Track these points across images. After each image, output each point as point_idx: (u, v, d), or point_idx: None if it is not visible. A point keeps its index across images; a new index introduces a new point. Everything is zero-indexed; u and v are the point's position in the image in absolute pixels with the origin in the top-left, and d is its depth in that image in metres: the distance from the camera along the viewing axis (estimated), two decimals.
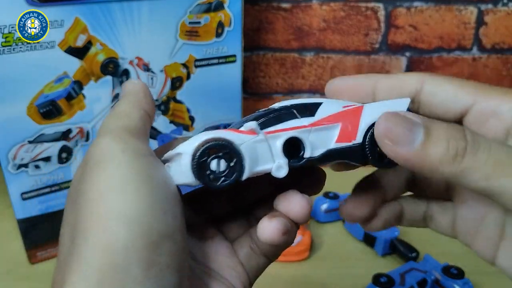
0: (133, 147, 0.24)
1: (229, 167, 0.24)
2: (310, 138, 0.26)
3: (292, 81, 0.73)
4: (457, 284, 0.48)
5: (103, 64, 0.51)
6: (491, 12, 0.68)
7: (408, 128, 0.23)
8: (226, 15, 0.55)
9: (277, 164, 0.25)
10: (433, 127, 0.23)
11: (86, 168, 0.24)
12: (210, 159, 0.24)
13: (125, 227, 0.21)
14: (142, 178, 0.23)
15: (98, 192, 0.22)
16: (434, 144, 0.22)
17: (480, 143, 0.22)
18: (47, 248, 0.57)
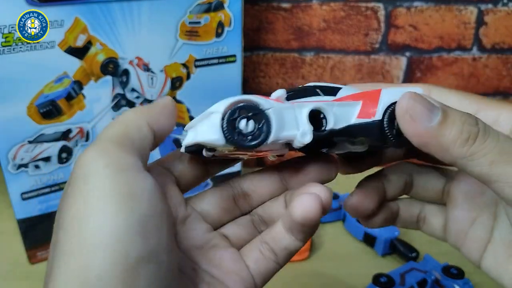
0: (117, 161, 0.23)
1: (257, 129, 0.25)
2: (333, 111, 0.27)
3: (292, 81, 0.73)
4: (457, 284, 0.48)
5: (103, 64, 0.51)
6: (491, 12, 0.68)
7: (428, 108, 0.24)
8: (226, 15, 0.55)
9: (302, 130, 0.26)
10: (450, 111, 0.25)
11: (71, 181, 0.23)
12: (240, 118, 0.25)
13: (100, 254, 0.21)
14: (122, 197, 0.22)
15: (76, 213, 0.22)
16: (450, 125, 0.24)
17: (490, 131, 0.24)
18: (47, 248, 0.57)
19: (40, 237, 0.55)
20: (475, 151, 0.24)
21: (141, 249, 0.22)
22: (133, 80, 0.53)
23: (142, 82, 0.54)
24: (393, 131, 0.27)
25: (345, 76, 0.73)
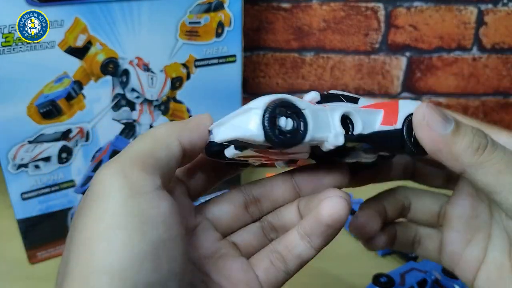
0: (133, 183, 0.22)
1: (294, 127, 0.25)
2: (360, 117, 0.28)
3: (292, 81, 0.73)
4: (457, 284, 0.48)
5: (103, 64, 0.51)
6: (491, 12, 0.68)
7: (443, 117, 0.27)
8: (226, 15, 0.55)
9: (335, 132, 0.26)
10: (461, 123, 0.27)
11: (86, 200, 0.23)
12: (279, 115, 0.25)
13: (106, 281, 0.20)
14: (134, 223, 0.21)
15: (86, 236, 0.21)
16: (462, 134, 0.26)
17: (498, 145, 0.27)
18: (47, 248, 0.57)
19: (40, 237, 0.55)
20: (484, 160, 0.26)
21: (151, 277, 0.21)
22: (133, 80, 0.53)
23: (142, 82, 0.54)
24: (411, 139, 0.29)
25: (345, 76, 0.73)
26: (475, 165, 0.26)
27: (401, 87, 0.74)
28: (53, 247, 0.57)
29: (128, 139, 0.56)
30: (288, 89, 0.73)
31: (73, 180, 0.55)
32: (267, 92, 0.73)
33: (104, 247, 0.21)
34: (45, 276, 0.55)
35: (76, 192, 0.56)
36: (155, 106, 0.56)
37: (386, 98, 0.73)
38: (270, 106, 0.25)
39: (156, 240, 0.22)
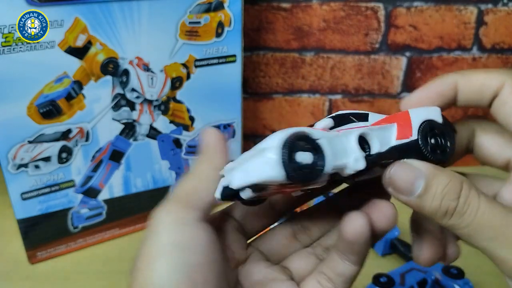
0: (178, 219, 0.27)
1: (313, 160, 0.25)
2: (376, 136, 0.27)
3: (292, 81, 0.73)
4: (457, 284, 0.48)
5: (103, 64, 0.51)
6: (491, 12, 0.68)
7: (410, 182, 0.26)
8: (226, 15, 0.55)
9: (355, 157, 0.26)
10: (433, 183, 0.25)
11: (145, 234, 0.28)
12: (297, 151, 0.24)
13: None
14: (175, 251, 0.26)
15: (141, 263, 0.26)
16: (430, 199, 0.25)
17: (470, 205, 0.25)
18: (47, 248, 0.57)
19: (40, 237, 0.55)
20: (453, 224, 0.25)
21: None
22: (133, 80, 0.53)
23: (142, 82, 0.54)
24: (428, 148, 0.28)
25: (345, 76, 0.73)
26: (447, 226, 0.26)
27: (401, 87, 0.74)
28: (53, 247, 0.57)
29: (128, 139, 0.56)
30: (288, 89, 0.73)
31: (73, 180, 0.55)
32: (267, 92, 0.73)
33: (151, 271, 0.26)
34: (45, 276, 0.55)
35: (76, 192, 0.56)
36: (155, 106, 0.56)
37: (386, 97, 0.73)
38: (286, 143, 0.24)
39: (192, 265, 0.26)
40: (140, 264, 0.27)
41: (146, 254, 0.27)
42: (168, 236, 0.27)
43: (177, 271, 0.26)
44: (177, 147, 0.60)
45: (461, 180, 0.26)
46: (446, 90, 0.29)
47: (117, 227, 0.60)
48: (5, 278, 0.55)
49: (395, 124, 0.28)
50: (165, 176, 0.61)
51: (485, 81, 0.28)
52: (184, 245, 0.26)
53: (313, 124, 0.28)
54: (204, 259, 0.27)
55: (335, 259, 0.30)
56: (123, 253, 0.59)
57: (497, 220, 0.25)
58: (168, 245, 0.26)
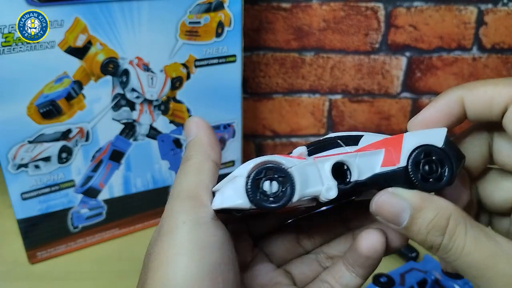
0: (194, 217, 0.27)
1: (281, 189, 0.25)
2: (356, 163, 0.27)
3: (292, 81, 0.73)
4: (457, 284, 0.48)
5: (103, 64, 0.51)
6: (491, 12, 0.68)
7: (395, 213, 0.25)
8: (226, 15, 0.55)
9: (327, 186, 0.26)
10: (418, 217, 0.25)
11: (159, 233, 0.28)
12: (264, 180, 0.25)
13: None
14: (195, 248, 0.26)
15: (159, 262, 0.26)
16: (415, 232, 0.25)
17: (455, 243, 0.24)
18: (47, 248, 0.57)
19: (40, 237, 0.55)
20: (441, 256, 0.25)
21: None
22: (133, 80, 0.53)
23: (142, 82, 0.54)
24: (418, 176, 0.27)
25: (345, 76, 0.73)
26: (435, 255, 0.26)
27: (401, 87, 0.74)
28: (53, 247, 0.57)
29: (128, 139, 0.56)
30: (288, 89, 0.73)
31: (73, 180, 0.55)
32: (267, 92, 0.73)
33: (173, 268, 0.26)
34: (45, 276, 0.55)
35: (76, 192, 0.56)
36: (155, 106, 0.56)
37: (386, 97, 0.73)
38: (252, 171, 0.25)
39: (213, 263, 0.26)
40: (158, 262, 0.26)
41: (165, 252, 0.26)
42: (187, 234, 0.26)
43: (199, 269, 0.25)
44: (177, 147, 0.60)
45: (449, 215, 0.25)
46: (452, 108, 0.28)
47: (117, 227, 0.60)
48: (5, 278, 0.55)
49: (382, 150, 0.27)
50: (165, 176, 0.61)
51: (493, 96, 0.26)
52: (203, 243, 0.26)
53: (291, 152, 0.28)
54: (223, 257, 0.27)
55: (342, 270, 0.30)
56: (123, 253, 0.59)
57: (482, 260, 0.24)
58: (188, 243, 0.26)
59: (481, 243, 0.24)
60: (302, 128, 0.77)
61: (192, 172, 0.30)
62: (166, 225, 0.27)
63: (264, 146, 0.78)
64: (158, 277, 0.26)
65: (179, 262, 0.26)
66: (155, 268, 0.26)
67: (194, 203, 0.28)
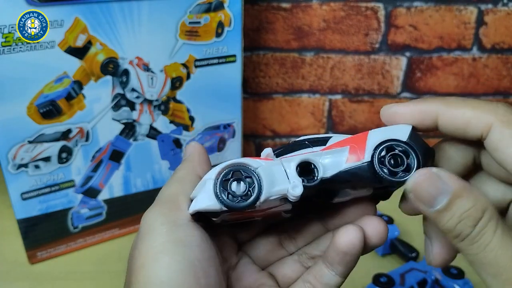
0: (171, 219, 0.28)
1: (248, 189, 0.26)
2: (321, 161, 0.28)
3: (292, 81, 0.73)
4: (457, 284, 0.48)
5: (103, 64, 0.51)
6: (491, 12, 0.68)
7: (434, 195, 0.24)
8: (226, 15, 0.55)
9: (293, 183, 0.26)
10: (455, 203, 0.24)
11: (138, 236, 0.29)
12: (231, 181, 0.27)
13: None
14: (175, 247, 0.27)
15: (141, 262, 0.27)
16: (447, 218, 0.24)
17: (482, 237, 0.24)
18: (47, 248, 0.57)
19: (40, 237, 0.55)
20: (461, 247, 0.25)
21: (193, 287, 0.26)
22: (133, 80, 0.53)
23: (142, 82, 0.54)
24: (385, 170, 0.27)
25: (345, 76, 0.73)
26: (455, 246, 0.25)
27: (401, 87, 0.74)
28: (53, 247, 0.57)
29: (128, 139, 0.56)
30: (288, 89, 0.73)
31: (73, 180, 0.55)
32: (267, 92, 0.73)
33: (155, 267, 0.27)
34: (45, 276, 0.55)
35: (76, 192, 0.56)
36: (155, 106, 0.56)
37: (386, 97, 0.73)
38: (220, 174, 0.27)
39: (193, 260, 0.27)
40: (140, 262, 0.27)
41: (146, 252, 0.27)
42: (166, 235, 0.28)
43: (181, 266, 0.26)
44: (177, 147, 0.60)
45: (484, 208, 0.24)
46: (425, 119, 0.28)
47: (117, 227, 0.60)
48: (5, 278, 0.55)
49: (347, 147, 0.28)
50: (165, 176, 0.61)
51: (470, 121, 0.26)
52: (183, 242, 0.27)
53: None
54: (203, 255, 0.28)
55: (322, 269, 0.31)
56: (123, 253, 0.59)
57: (504, 261, 0.24)
58: (168, 243, 0.27)
59: (507, 244, 0.24)
60: (302, 128, 0.77)
61: (174, 183, 0.31)
62: (146, 228, 0.29)
63: (264, 146, 0.79)
64: (142, 276, 0.27)
65: (160, 260, 0.27)
66: (138, 268, 0.27)
67: (171, 207, 0.29)
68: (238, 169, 0.27)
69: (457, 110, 0.26)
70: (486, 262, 0.24)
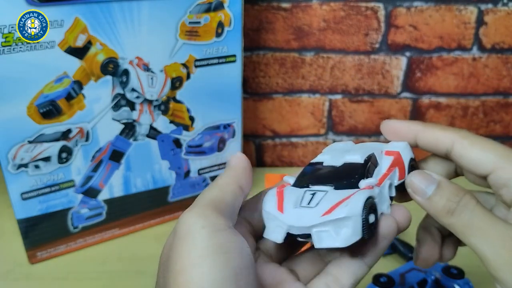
0: (212, 223, 0.28)
1: (375, 218, 0.30)
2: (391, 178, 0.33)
3: (292, 81, 0.73)
4: (457, 284, 0.48)
5: (103, 64, 0.51)
6: (491, 12, 0.68)
7: (424, 184, 0.31)
8: (226, 15, 0.55)
9: (387, 204, 0.31)
10: (442, 187, 0.31)
11: (175, 239, 0.28)
12: (369, 214, 0.29)
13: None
14: (217, 252, 0.27)
15: (181, 265, 0.27)
16: (437, 199, 0.31)
17: (466, 208, 0.30)
18: (47, 248, 0.57)
19: (40, 237, 0.55)
20: (451, 223, 0.30)
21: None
22: (133, 80, 0.53)
23: (142, 82, 0.54)
24: None
25: (345, 76, 0.73)
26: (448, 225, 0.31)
27: (401, 87, 0.74)
28: (53, 247, 0.57)
29: (128, 139, 0.56)
30: (288, 89, 0.73)
31: (73, 180, 0.55)
32: (267, 92, 0.73)
33: (196, 274, 0.26)
34: (45, 276, 0.55)
35: (76, 192, 0.56)
36: (155, 106, 0.56)
37: (386, 97, 0.73)
38: (365, 209, 0.28)
39: (235, 267, 0.27)
40: (180, 267, 0.27)
41: (187, 256, 0.27)
42: (207, 239, 0.27)
43: (223, 274, 0.26)
44: (177, 147, 0.60)
45: (463, 190, 0.31)
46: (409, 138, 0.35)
47: (117, 227, 0.60)
48: (5, 278, 0.55)
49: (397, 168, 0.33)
50: (165, 176, 0.61)
51: (438, 138, 0.33)
52: (224, 249, 0.27)
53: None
54: (243, 262, 0.28)
55: (348, 259, 0.32)
56: (123, 253, 0.59)
57: (485, 223, 0.29)
58: (210, 247, 0.27)
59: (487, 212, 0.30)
60: (302, 128, 0.77)
61: (215, 188, 0.31)
62: (185, 229, 0.28)
63: (264, 146, 0.79)
64: (182, 281, 0.26)
65: (202, 266, 0.26)
66: (178, 272, 0.27)
67: (212, 211, 0.29)
68: (372, 202, 0.29)
69: (430, 130, 0.34)
70: (471, 226, 0.29)
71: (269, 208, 0.31)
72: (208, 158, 0.63)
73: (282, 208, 0.30)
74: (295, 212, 0.29)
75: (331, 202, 0.28)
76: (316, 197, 0.30)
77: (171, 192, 0.62)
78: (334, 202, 0.28)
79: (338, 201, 0.28)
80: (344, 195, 0.29)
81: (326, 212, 0.28)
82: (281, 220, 0.29)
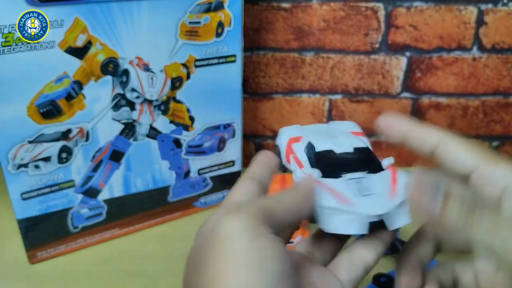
0: (251, 228, 0.27)
1: None
2: None
3: (292, 81, 0.73)
4: None
5: (103, 64, 0.51)
6: (491, 12, 0.68)
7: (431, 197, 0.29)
8: (226, 15, 0.55)
9: None
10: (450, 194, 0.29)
11: (210, 239, 0.27)
12: None
13: None
14: (256, 259, 0.26)
15: (217, 270, 0.26)
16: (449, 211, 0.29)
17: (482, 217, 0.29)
18: (47, 248, 0.57)
19: (40, 237, 0.55)
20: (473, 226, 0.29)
21: None
22: (133, 80, 0.53)
23: (142, 82, 0.54)
24: None
25: (345, 76, 0.73)
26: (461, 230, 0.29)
27: (401, 87, 0.74)
28: (53, 247, 0.57)
29: (128, 139, 0.56)
30: (288, 89, 0.73)
31: (73, 180, 0.55)
32: (267, 92, 0.73)
33: (235, 279, 0.25)
34: (45, 276, 0.55)
35: (76, 192, 0.56)
36: (155, 106, 0.56)
37: (386, 97, 0.73)
38: None
39: (275, 274, 0.26)
40: (217, 272, 0.26)
41: (224, 261, 0.26)
42: (246, 244, 0.26)
43: (263, 278, 0.25)
44: (177, 147, 0.60)
45: None
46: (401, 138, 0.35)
47: (117, 227, 0.60)
48: (5, 278, 0.55)
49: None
50: (165, 176, 0.61)
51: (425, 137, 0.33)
52: (265, 254, 0.26)
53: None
54: (283, 269, 0.27)
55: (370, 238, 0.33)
56: (123, 253, 0.59)
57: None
58: (248, 253, 0.26)
59: None
60: None
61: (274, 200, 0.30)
62: (222, 232, 0.27)
63: (264, 146, 0.78)
64: (219, 284, 0.26)
65: (240, 273, 0.25)
66: (213, 275, 0.26)
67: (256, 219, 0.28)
68: None
69: (419, 130, 0.34)
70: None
71: (330, 203, 0.30)
72: (208, 158, 0.63)
73: (345, 200, 0.30)
74: (364, 201, 0.30)
75: (383, 187, 0.31)
76: (365, 184, 0.31)
77: (171, 192, 0.62)
78: (386, 186, 0.31)
79: (390, 185, 0.31)
80: (385, 178, 0.32)
81: (390, 196, 0.30)
82: (356, 212, 0.30)
